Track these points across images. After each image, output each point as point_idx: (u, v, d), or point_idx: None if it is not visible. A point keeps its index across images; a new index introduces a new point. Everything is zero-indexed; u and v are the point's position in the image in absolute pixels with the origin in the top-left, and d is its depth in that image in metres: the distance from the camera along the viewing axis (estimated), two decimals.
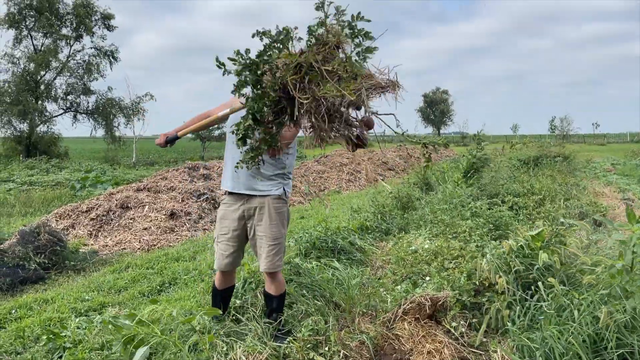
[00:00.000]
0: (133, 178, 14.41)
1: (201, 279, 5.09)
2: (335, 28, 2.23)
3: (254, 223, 3.31)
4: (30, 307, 4.56)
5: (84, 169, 18.41)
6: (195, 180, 9.66)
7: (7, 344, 3.75)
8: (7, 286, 5.25)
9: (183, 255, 6.21)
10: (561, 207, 6.92)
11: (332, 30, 2.22)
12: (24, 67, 26.90)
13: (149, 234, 7.38)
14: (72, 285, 5.33)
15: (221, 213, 3.41)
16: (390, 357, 3.27)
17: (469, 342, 3.31)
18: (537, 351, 2.73)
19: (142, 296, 4.85)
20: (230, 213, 3.34)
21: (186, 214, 8.21)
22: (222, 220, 3.39)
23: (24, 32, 26.88)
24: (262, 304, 3.69)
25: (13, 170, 16.30)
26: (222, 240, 3.37)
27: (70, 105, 29.13)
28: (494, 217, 5.70)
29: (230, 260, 3.39)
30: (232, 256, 3.38)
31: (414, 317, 3.51)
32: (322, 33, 2.24)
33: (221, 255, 3.39)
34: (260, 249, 3.30)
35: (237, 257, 3.42)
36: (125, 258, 6.41)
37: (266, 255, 3.26)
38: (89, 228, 7.66)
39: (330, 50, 2.23)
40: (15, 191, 11.86)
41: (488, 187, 8.23)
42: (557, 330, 2.78)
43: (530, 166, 12.52)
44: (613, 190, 10.58)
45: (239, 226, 3.34)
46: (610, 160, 20.31)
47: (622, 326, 2.78)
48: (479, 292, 3.76)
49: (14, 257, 5.66)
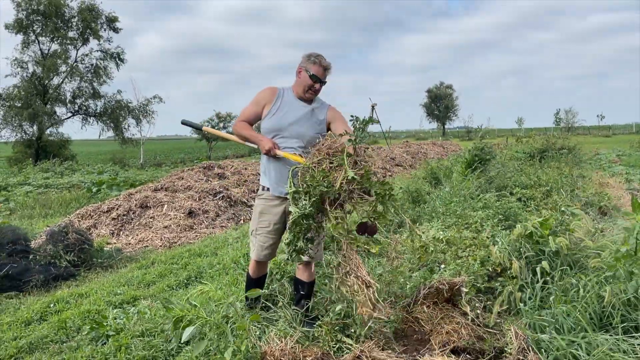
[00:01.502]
0: (146, 179, 14.72)
1: (225, 273, 5.36)
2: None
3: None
4: (67, 301, 4.84)
5: (96, 171, 18.75)
6: (211, 179, 9.94)
7: (52, 334, 4.03)
8: (40, 283, 5.53)
9: (205, 251, 6.48)
10: (567, 198, 7.15)
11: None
12: (33, 71, 27.30)
13: (169, 231, 7.66)
14: (103, 280, 5.61)
15: (260, 207, 3.61)
16: (411, 338, 3.53)
17: (485, 322, 3.56)
18: (548, 327, 2.98)
19: (170, 289, 5.12)
20: (272, 208, 3.57)
21: (204, 212, 8.49)
22: (262, 215, 3.60)
23: (31, 37, 27.25)
24: (290, 293, 3.95)
25: (28, 173, 16.63)
26: (261, 233, 3.60)
27: (78, 109, 29.51)
28: (503, 208, 5.94)
29: (269, 252, 3.65)
30: (271, 248, 3.64)
31: (432, 301, 3.76)
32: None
33: (260, 247, 3.62)
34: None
35: (275, 248, 3.69)
36: (150, 255, 6.69)
37: (312, 245, 3.52)
38: (110, 227, 7.95)
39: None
40: (33, 194, 12.18)
41: (496, 179, 8.46)
42: (565, 308, 3.03)
43: (537, 159, 12.72)
44: (618, 180, 10.79)
45: (280, 220, 3.57)
46: (616, 151, 20.46)
47: (626, 304, 3.03)
48: (492, 277, 4.02)
49: (45, 256, 5.95)
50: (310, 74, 3.49)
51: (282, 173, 3.48)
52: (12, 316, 4.51)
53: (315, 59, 3.50)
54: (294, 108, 3.56)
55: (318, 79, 3.49)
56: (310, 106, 3.59)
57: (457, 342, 3.32)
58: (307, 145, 3.47)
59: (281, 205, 3.56)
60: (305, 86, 3.52)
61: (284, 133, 3.51)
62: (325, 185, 2.87)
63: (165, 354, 3.41)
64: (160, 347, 3.48)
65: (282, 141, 3.51)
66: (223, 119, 39.03)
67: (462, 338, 3.37)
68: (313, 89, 3.52)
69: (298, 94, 3.58)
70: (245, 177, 10.70)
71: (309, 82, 3.50)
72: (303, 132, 3.51)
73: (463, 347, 3.29)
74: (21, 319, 4.40)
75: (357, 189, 2.89)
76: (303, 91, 3.55)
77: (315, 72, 3.48)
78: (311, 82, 3.49)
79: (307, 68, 3.50)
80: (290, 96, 3.61)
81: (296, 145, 3.48)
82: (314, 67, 3.49)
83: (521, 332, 2.95)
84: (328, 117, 3.62)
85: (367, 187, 2.92)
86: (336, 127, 3.55)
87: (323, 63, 3.50)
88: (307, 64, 3.51)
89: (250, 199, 9.71)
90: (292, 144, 3.49)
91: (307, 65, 3.51)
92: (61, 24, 27.53)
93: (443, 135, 63.15)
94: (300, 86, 3.56)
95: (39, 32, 27.37)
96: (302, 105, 3.57)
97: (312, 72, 3.48)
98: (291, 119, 3.52)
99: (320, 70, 3.50)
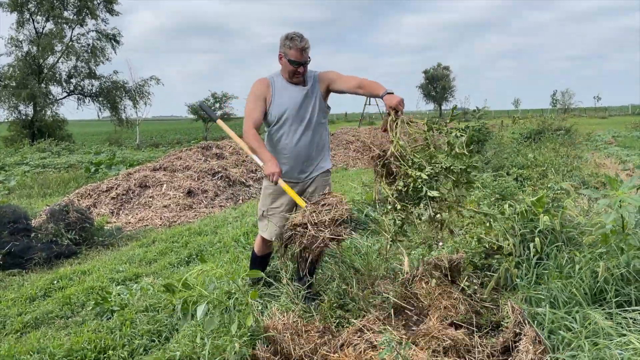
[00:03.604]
0: (143, 159, 14.73)
1: (226, 251, 5.43)
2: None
3: (307, 196, 3.55)
4: (70, 278, 4.92)
5: (93, 151, 18.72)
6: (209, 159, 9.97)
7: (57, 310, 4.11)
8: (43, 260, 5.61)
9: (205, 230, 6.55)
10: (563, 178, 7.22)
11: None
12: (28, 50, 27.02)
13: (169, 210, 7.72)
14: (105, 258, 5.68)
15: (272, 189, 3.59)
16: (410, 312, 3.61)
17: (482, 298, 3.64)
18: (543, 301, 3.06)
19: (172, 267, 5.20)
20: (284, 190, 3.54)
21: (203, 191, 8.54)
22: (273, 196, 3.61)
23: (26, 16, 26.92)
24: (292, 269, 4.03)
25: (25, 153, 16.60)
26: (274, 214, 3.61)
27: (74, 89, 29.29)
28: (500, 187, 6.01)
29: (280, 232, 3.70)
30: (282, 228, 3.69)
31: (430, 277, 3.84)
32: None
33: (273, 227, 3.62)
34: None
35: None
36: (150, 233, 6.76)
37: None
38: (110, 207, 8.00)
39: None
40: (31, 173, 12.19)
41: (493, 159, 8.53)
42: (561, 283, 3.11)
43: (533, 139, 12.79)
44: (614, 161, 10.87)
45: (292, 201, 3.53)
46: (612, 132, 20.54)
47: (619, 279, 3.11)
48: (489, 254, 4.10)
49: (47, 234, 6.01)
50: (289, 59, 3.37)
51: (293, 162, 3.53)
52: (16, 292, 4.59)
53: (290, 43, 3.34)
54: (290, 94, 3.48)
55: (298, 63, 3.37)
56: (306, 87, 3.50)
57: (455, 317, 3.41)
58: (315, 126, 3.51)
59: (294, 187, 3.53)
60: (289, 72, 3.43)
61: (287, 121, 3.47)
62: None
63: (170, 328, 3.50)
64: (164, 321, 3.56)
65: (287, 129, 3.48)
66: (219, 100, 38.82)
67: (460, 313, 3.45)
68: (297, 73, 3.42)
69: (287, 80, 3.49)
70: (243, 157, 10.73)
71: (290, 68, 3.40)
72: (305, 115, 3.48)
73: (461, 321, 3.37)
74: (25, 295, 4.48)
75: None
76: (289, 77, 3.46)
77: (293, 57, 3.35)
78: (293, 67, 3.38)
79: (286, 53, 3.38)
80: (282, 83, 3.50)
81: (302, 130, 3.48)
82: (290, 52, 3.34)
83: (517, 306, 3.04)
84: (321, 83, 3.54)
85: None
86: (343, 83, 3.49)
87: (298, 45, 3.32)
88: (284, 49, 3.38)
89: (248, 179, 9.76)
90: (298, 130, 3.48)
91: (285, 51, 3.37)
92: (57, 2, 27.17)
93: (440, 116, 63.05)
94: (285, 72, 3.47)
95: (33, 11, 27.02)
96: (297, 90, 3.49)
97: (290, 58, 3.36)
98: (291, 105, 3.45)
99: (297, 54, 3.34)
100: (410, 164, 3.17)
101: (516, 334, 2.91)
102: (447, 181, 3.25)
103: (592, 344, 2.49)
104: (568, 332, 2.68)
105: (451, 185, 3.26)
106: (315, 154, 3.58)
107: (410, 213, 3.30)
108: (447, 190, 3.32)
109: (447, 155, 3.21)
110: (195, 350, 2.93)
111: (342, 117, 60.54)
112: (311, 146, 3.53)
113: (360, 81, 3.43)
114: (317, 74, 3.58)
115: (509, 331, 2.95)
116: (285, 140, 3.49)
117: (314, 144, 3.55)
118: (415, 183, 3.13)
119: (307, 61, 3.41)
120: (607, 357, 2.36)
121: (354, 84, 3.45)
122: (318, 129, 3.57)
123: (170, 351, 3.02)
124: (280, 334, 2.93)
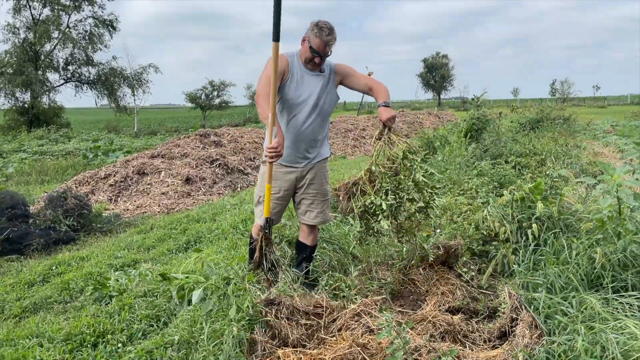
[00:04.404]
0: (141, 146, 14.71)
1: (225, 237, 5.43)
2: None
3: (307, 183, 3.56)
4: (69, 264, 4.93)
5: (91, 138, 18.68)
6: (207, 147, 9.95)
7: (56, 295, 4.12)
8: (41, 246, 5.61)
9: (203, 217, 6.55)
10: (562, 166, 7.23)
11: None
12: (25, 37, 26.86)
13: (167, 198, 7.72)
14: (103, 244, 5.69)
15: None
16: (407, 298, 3.63)
17: (479, 284, 3.66)
18: (540, 287, 3.08)
19: (170, 253, 5.21)
20: (283, 175, 3.54)
21: (201, 179, 8.53)
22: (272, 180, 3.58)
23: (22, 2, 26.72)
24: (291, 255, 4.03)
25: (23, 140, 16.56)
26: (271, 199, 3.59)
27: (71, 76, 29.15)
28: (498, 175, 6.02)
29: (276, 217, 3.68)
30: (279, 214, 3.67)
31: (428, 264, 3.86)
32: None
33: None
34: (312, 204, 3.60)
35: (281, 214, 3.74)
36: (148, 220, 6.77)
37: (320, 210, 3.60)
38: (108, 194, 8.00)
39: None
40: (29, 160, 12.17)
41: (491, 148, 8.53)
42: (558, 269, 3.13)
43: (531, 128, 12.79)
44: (612, 150, 10.88)
45: (290, 186, 3.56)
46: (610, 122, 20.54)
47: (616, 264, 3.12)
48: (486, 241, 4.11)
49: (45, 220, 6.02)
50: (310, 46, 3.31)
51: (297, 147, 3.49)
52: (15, 278, 4.60)
53: (317, 32, 3.27)
54: (310, 80, 3.43)
55: (318, 53, 3.31)
56: (324, 75, 3.46)
57: (452, 303, 3.43)
58: (324, 114, 3.50)
59: (292, 173, 3.54)
60: (305, 57, 3.39)
61: (301, 106, 3.43)
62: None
63: (168, 312, 3.51)
64: (162, 306, 3.57)
65: (299, 113, 3.43)
66: (217, 88, 38.68)
67: (457, 299, 3.47)
68: (312, 62, 3.38)
69: (303, 64, 3.44)
70: (241, 145, 10.71)
71: (308, 55, 3.35)
72: (318, 102, 3.44)
73: (458, 307, 3.39)
74: (24, 281, 4.48)
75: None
76: (305, 62, 3.41)
77: (315, 46, 3.28)
78: (310, 55, 3.34)
79: (310, 39, 3.32)
80: (299, 66, 3.44)
81: (314, 116, 3.45)
82: (315, 41, 3.28)
83: (514, 291, 3.05)
84: (336, 75, 3.53)
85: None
86: (355, 81, 3.55)
87: (324, 37, 3.26)
88: (310, 34, 3.30)
89: (247, 167, 9.75)
90: (311, 116, 3.45)
91: (310, 36, 3.31)
92: None
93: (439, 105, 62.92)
94: (302, 56, 3.42)
95: None
96: (315, 76, 3.45)
97: (312, 45, 3.30)
98: (306, 92, 3.42)
99: (320, 45, 3.27)
100: (379, 186, 3.37)
101: (513, 319, 2.92)
102: (410, 207, 3.41)
103: (587, 328, 2.51)
104: (564, 317, 2.70)
105: (413, 211, 3.43)
106: (318, 141, 3.57)
107: (372, 227, 3.51)
108: (405, 218, 3.54)
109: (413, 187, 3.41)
110: (193, 334, 2.94)
111: (340, 106, 60.44)
112: (316, 133, 3.52)
113: (371, 83, 3.50)
114: (334, 64, 3.56)
115: (506, 316, 2.96)
116: (295, 123, 3.45)
117: (319, 131, 3.53)
118: (375, 208, 3.34)
119: (328, 54, 3.37)
120: (602, 340, 2.37)
121: (365, 84, 3.53)
122: (326, 117, 3.56)
123: (169, 335, 3.03)
124: (278, 319, 2.95)
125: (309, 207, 3.64)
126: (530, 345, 2.57)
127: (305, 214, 3.66)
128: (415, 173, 3.37)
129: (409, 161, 3.41)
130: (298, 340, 2.88)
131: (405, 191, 3.37)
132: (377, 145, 3.42)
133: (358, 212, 3.42)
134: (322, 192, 3.63)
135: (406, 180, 3.38)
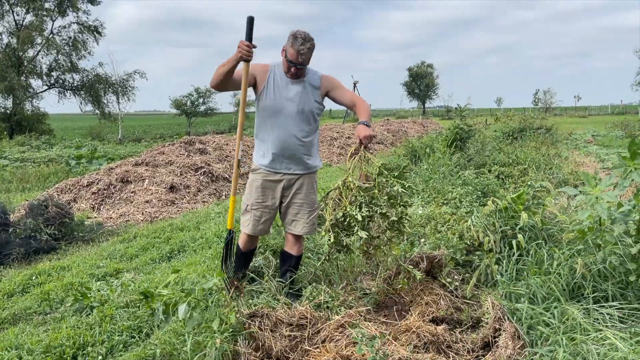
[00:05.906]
0: (125, 154, 14.58)
1: (209, 246, 5.39)
2: None
3: (293, 192, 3.57)
4: (49, 274, 4.84)
5: (74, 145, 18.48)
6: (192, 154, 9.90)
7: (35, 306, 4.04)
8: (21, 256, 5.52)
9: (187, 226, 6.50)
10: (543, 176, 7.32)
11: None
12: (7, 42, 26.57)
13: (150, 206, 7.65)
14: (85, 254, 5.61)
15: (258, 182, 3.58)
16: (392, 308, 3.63)
17: (463, 294, 3.68)
18: (523, 297, 3.11)
19: (153, 262, 5.15)
20: (270, 184, 3.55)
21: (185, 187, 8.48)
22: (259, 189, 3.58)
23: (5, 7, 26.44)
24: (275, 265, 4.02)
25: (3, 147, 16.32)
26: (258, 208, 3.59)
27: (55, 82, 28.86)
28: (481, 184, 6.07)
29: (265, 227, 3.66)
30: (267, 223, 3.66)
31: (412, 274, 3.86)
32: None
33: (256, 222, 3.61)
34: (298, 215, 3.60)
35: (269, 224, 3.71)
36: (131, 229, 6.69)
37: (307, 220, 3.59)
38: (90, 202, 7.90)
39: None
40: (10, 168, 11.99)
41: (475, 157, 8.61)
42: (540, 279, 3.16)
43: (515, 138, 12.93)
44: (593, 160, 11.04)
45: (278, 195, 3.56)
46: (591, 132, 20.86)
47: (596, 275, 3.16)
48: (470, 251, 4.14)
49: (25, 229, 5.92)
50: (286, 56, 3.38)
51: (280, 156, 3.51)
52: None
53: (292, 41, 3.32)
54: (288, 88, 3.47)
55: (293, 63, 3.35)
56: (303, 81, 3.50)
57: (436, 313, 3.44)
58: (308, 120, 3.51)
59: (280, 181, 3.56)
60: (285, 67, 3.45)
61: (282, 113, 3.46)
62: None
63: (150, 324, 3.46)
64: (144, 318, 3.52)
65: (280, 121, 3.47)
66: (202, 95, 38.57)
67: (441, 309, 3.48)
68: (290, 71, 3.42)
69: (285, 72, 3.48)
70: (226, 152, 10.67)
71: (285, 64, 3.41)
72: (300, 109, 3.47)
73: (442, 317, 3.40)
74: (3, 291, 4.40)
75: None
76: (286, 71, 3.45)
77: (290, 56, 3.34)
78: (287, 64, 3.39)
79: (286, 49, 3.38)
80: (281, 74, 3.49)
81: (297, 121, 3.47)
82: (289, 50, 3.34)
83: (497, 302, 3.07)
84: (323, 85, 3.56)
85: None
86: (341, 95, 3.62)
87: (297, 47, 3.30)
88: (287, 44, 3.38)
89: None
90: (291, 123, 3.47)
91: (286, 46, 3.38)
92: None
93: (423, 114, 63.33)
94: (283, 66, 3.47)
95: (13, 2, 26.54)
96: (294, 84, 3.48)
97: (287, 54, 3.36)
98: (286, 98, 3.45)
99: (294, 55, 3.32)
100: (353, 199, 3.43)
101: (496, 329, 2.94)
102: (383, 221, 3.50)
103: (569, 339, 2.53)
104: (546, 328, 2.72)
105: (384, 227, 3.53)
106: (303, 151, 3.56)
107: (340, 241, 3.55)
108: (379, 233, 3.60)
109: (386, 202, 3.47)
110: (175, 347, 2.91)
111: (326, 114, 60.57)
112: (299, 141, 3.51)
113: (356, 100, 3.59)
114: (321, 75, 3.60)
115: (489, 327, 2.98)
116: (278, 128, 3.48)
117: (302, 139, 3.53)
118: (350, 219, 3.39)
119: (303, 64, 3.39)
120: (583, 352, 2.40)
121: (350, 100, 3.61)
122: (309, 123, 3.56)
123: (151, 348, 2.99)
124: (261, 331, 2.93)
125: (295, 217, 3.63)
126: (512, 356, 2.59)
127: (292, 223, 3.66)
128: (391, 188, 3.42)
129: (384, 177, 3.47)
130: (282, 352, 2.86)
131: (379, 205, 3.41)
132: (354, 160, 3.47)
133: (329, 224, 3.44)
134: (309, 202, 3.63)
135: (380, 195, 3.42)
